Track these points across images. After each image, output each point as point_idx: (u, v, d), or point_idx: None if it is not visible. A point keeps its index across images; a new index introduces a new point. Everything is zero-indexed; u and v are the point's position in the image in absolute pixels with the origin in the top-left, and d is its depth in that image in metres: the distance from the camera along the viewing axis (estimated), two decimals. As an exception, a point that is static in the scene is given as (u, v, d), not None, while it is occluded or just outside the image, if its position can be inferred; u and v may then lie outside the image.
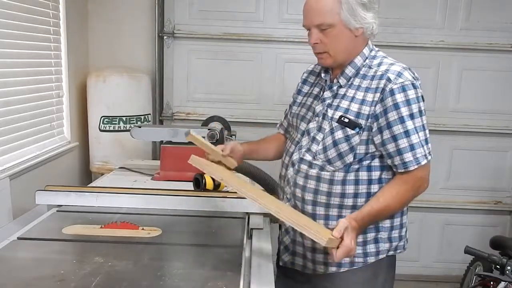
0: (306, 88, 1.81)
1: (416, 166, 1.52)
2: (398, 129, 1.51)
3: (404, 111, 1.51)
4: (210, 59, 3.55)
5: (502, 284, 2.38)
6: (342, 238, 1.39)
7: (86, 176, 3.35)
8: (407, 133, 1.51)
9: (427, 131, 1.56)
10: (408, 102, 1.52)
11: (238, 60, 3.55)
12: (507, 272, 2.37)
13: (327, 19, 1.54)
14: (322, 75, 1.71)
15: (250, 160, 1.99)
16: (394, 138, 1.52)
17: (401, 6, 3.44)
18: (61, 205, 1.97)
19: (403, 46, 3.42)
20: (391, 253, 1.69)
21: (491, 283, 2.60)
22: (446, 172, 3.68)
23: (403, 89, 1.52)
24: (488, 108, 3.60)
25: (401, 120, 1.51)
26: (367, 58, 1.63)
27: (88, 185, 2.42)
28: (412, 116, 1.52)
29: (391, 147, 1.54)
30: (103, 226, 1.73)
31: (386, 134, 1.53)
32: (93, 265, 1.41)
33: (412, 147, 1.52)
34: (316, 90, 1.75)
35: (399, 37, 3.44)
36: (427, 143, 1.55)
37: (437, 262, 3.85)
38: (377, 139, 1.56)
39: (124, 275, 1.36)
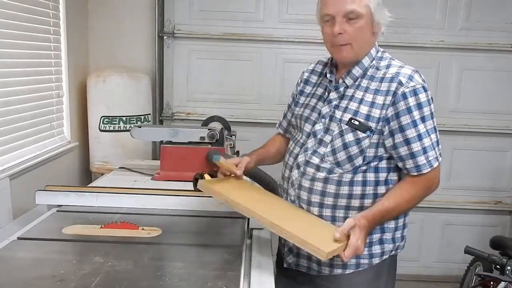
0: (308, 89, 1.78)
1: (429, 169, 1.53)
2: (411, 132, 1.51)
3: (416, 114, 1.51)
4: (210, 59, 3.55)
5: (502, 284, 2.38)
6: (348, 237, 1.42)
7: (86, 176, 3.35)
8: (419, 137, 1.52)
9: (437, 133, 1.57)
10: (419, 106, 1.52)
11: (238, 60, 3.55)
12: (507, 272, 2.37)
13: (359, 7, 1.52)
14: (328, 75, 1.69)
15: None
16: (407, 142, 1.52)
17: (401, 6, 3.44)
18: (61, 205, 1.97)
19: (403, 46, 3.42)
20: (393, 253, 1.70)
21: (491, 283, 2.60)
22: (446, 172, 3.66)
23: (415, 92, 1.52)
24: (488, 108, 3.60)
25: (414, 123, 1.51)
26: (374, 59, 1.62)
27: (88, 185, 2.42)
28: (423, 119, 1.52)
29: (403, 150, 1.53)
30: (103, 226, 1.72)
31: (399, 138, 1.53)
32: (93, 265, 1.41)
33: (424, 150, 1.52)
34: (319, 90, 1.73)
35: (399, 37, 3.44)
36: (438, 144, 1.56)
37: (437, 262, 3.85)
38: (388, 142, 1.55)
39: (124, 275, 1.36)
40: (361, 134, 1.56)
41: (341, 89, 1.64)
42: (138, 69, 3.39)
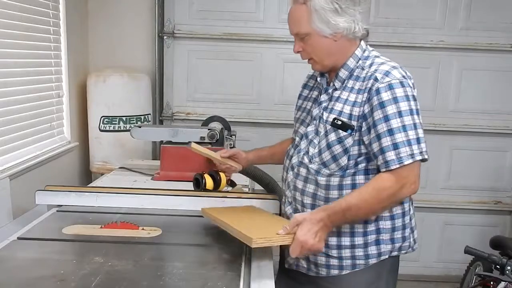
0: (305, 92, 1.82)
1: (397, 165, 1.47)
2: (382, 127, 1.49)
3: (390, 109, 1.48)
4: (210, 59, 3.55)
5: (502, 284, 2.38)
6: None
7: (86, 176, 3.35)
8: (390, 132, 1.48)
9: (419, 130, 1.50)
10: (395, 100, 1.49)
11: (238, 60, 3.55)
12: (507, 272, 2.37)
13: (301, 28, 1.58)
14: (318, 79, 1.72)
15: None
16: (378, 137, 1.50)
17: (401, 6, 3.44)
18: (61, 205, 1.97)
19: (403, 46, 3.42)
20: (394, 253, 1.67)
21: (491, 283, 2.60)
22: (446, 172, 3.67)
23: (390, 87, 1.50)
24: (488, 108, 3.60)
25: (386, 118, 1.48)
26: (360, 59, 1.62)
27: (88, 185, 2.42)
28: (400, 114, 1.48)
29: (375, 146, 1.51)
30: (103, 226, 1.73)
31: (372, 133, 1.52)
32: (93, 265, 1.41)
33: (395, 146, 1.48)
34: (315, 93, 1.76)
35: (399, 37, 3.44)
36: (418, 142, 1.49)
37: (437, 262, 3.85)
38: (366, 139, 1.54)
39: (124, 275, 1.36)
40: (342, 133, 1.56)
41: (330, 91, 1.66)
42: (138, 69, 3.39)
